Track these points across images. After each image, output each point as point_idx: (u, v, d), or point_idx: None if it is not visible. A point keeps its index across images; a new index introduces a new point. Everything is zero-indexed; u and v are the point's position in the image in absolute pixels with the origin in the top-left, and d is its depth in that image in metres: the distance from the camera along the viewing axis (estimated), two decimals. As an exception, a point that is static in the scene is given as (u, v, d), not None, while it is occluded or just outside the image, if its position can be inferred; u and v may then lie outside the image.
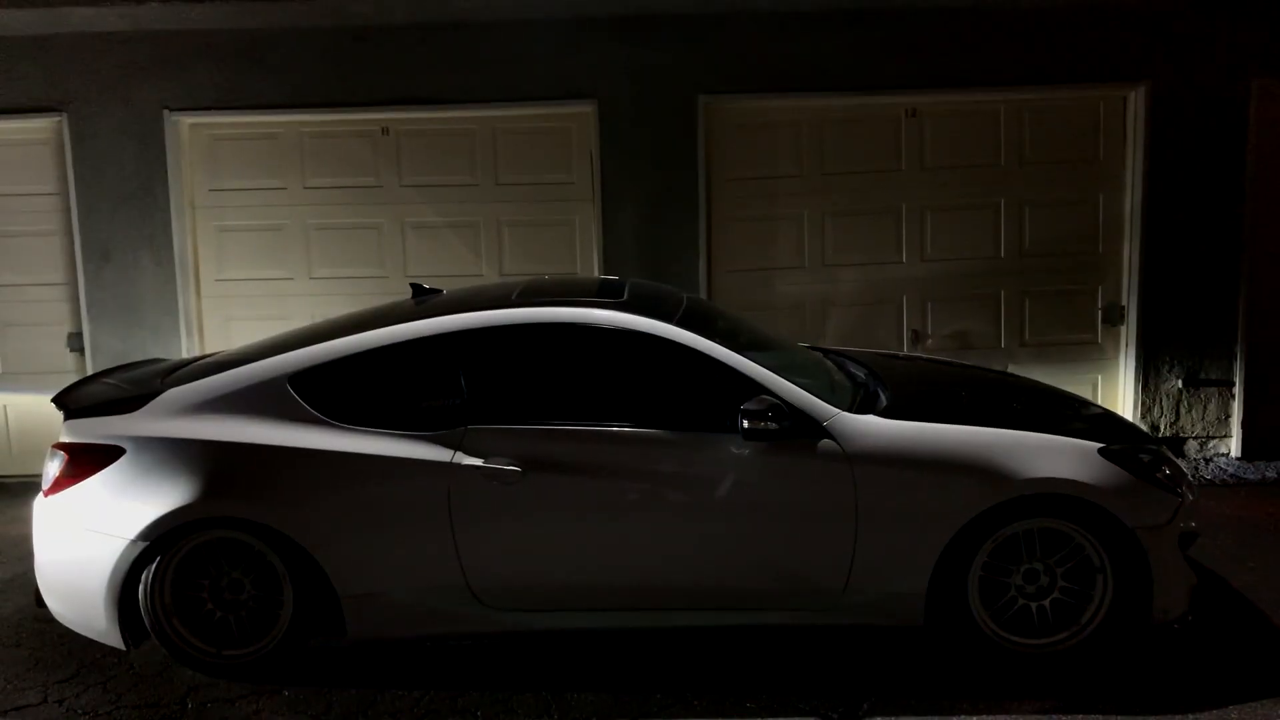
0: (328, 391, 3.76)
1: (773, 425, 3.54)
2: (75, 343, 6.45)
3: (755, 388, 3.67)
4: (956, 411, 3.90)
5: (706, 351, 3.74)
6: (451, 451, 3.64)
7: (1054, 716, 3.36)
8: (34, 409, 6.42)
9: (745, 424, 3.53)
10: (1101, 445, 3.69)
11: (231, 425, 3.72)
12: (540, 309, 3.87)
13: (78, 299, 6.39)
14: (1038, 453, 3.63)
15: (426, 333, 3.82)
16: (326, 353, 3.83)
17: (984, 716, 3.37)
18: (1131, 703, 3.42)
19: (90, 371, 6.35)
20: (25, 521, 4.61)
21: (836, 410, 3.69)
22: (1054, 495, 3.59)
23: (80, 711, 3.55)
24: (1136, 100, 6.13)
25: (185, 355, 6.33)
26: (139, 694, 3.66)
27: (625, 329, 3.78)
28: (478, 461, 3.62)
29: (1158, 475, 3.72)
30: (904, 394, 4.02)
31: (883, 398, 3.96)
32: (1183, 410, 6.31)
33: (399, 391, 3.77)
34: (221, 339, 6.47)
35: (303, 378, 3.79)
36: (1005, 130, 6.25)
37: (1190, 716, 3.33)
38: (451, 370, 3.76)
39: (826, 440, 3.62)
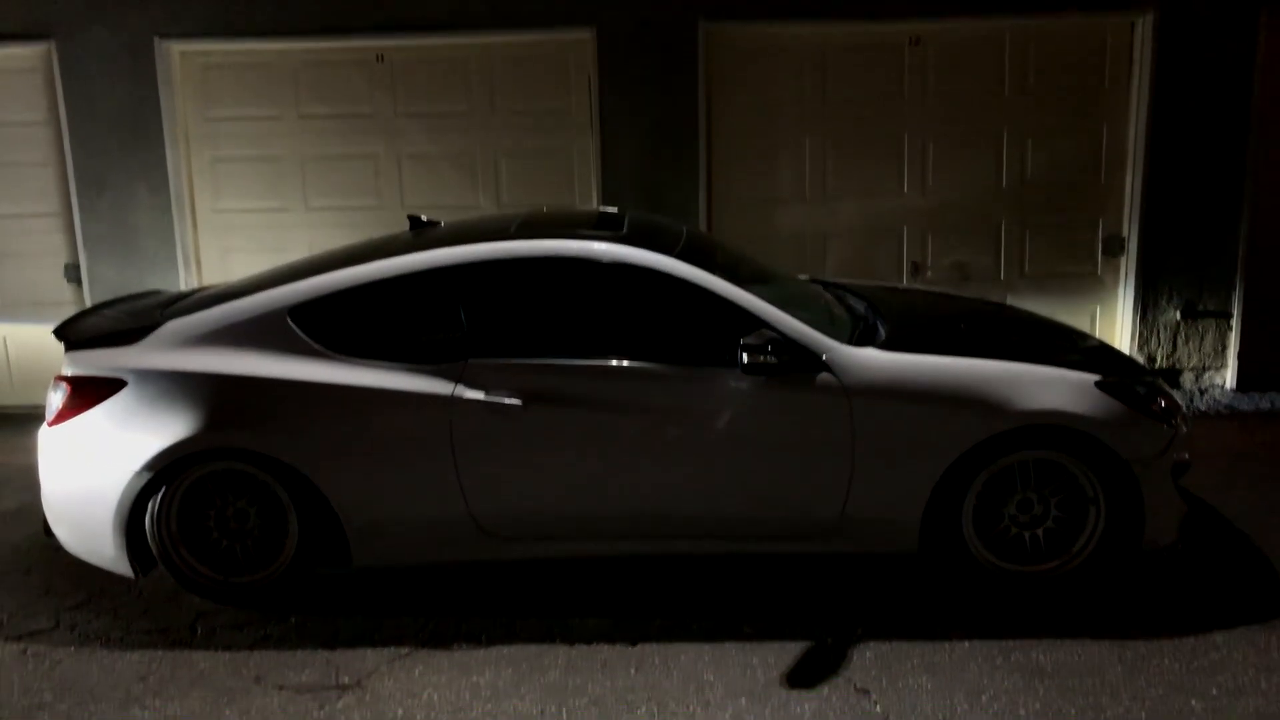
0: (327, 324, 3.77)
1: (772, 359, 3.56)
2: (72, 273, 6.43)
3: (755, 321, 3.68)
4: (954, 344, 3.91)
5: (706, 285, 3.74)
6: (453, 384, 3.66)
7: (1043, 640, 3.44)
8: (33, 340, 6.44)
9: (745, 358, 3.55)
10: (1098, 378, 3.72)
11: (232, 357, 3.74)
12: (539, 242, 3.86)
13: (73, 230, 6.35)
14: (1034, 385, 3.66)
15: (425, 265, 3.81)
16: (325, 285, 3.83)
17: (975, 641, 3.45)
18: (1118, 628, 3.50)
19: (88, 302, 6.36)
20: (29, 451, 4.65)
21: (835, 343, 3.71)
22: (1050, 427, 3.63)
23: (92, 636, 3.63)
24: (1144, 28, 6.02)
25: (184, 287, 6.33)
26: (149, 619, 3.74)
27: (625, 262, 3.78)
28: (479, 395, 3.65)
29: (1153, 407, 3.75)
30: (902, 327, 4.03)
31: (881, 330, 3.98)
32: (1180, 341, 6.34)
33: (399, 324, 3.77)
34: (219, 270, 6.45)
35: (302, 310, 3.79)
36: (1010, 58, 6.15)
37: (1176, 641, 3.42)
38: (451, 303, 3.76)
39: (825, 373, 3.65)
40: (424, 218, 4.60)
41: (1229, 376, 6.34)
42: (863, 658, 3.38)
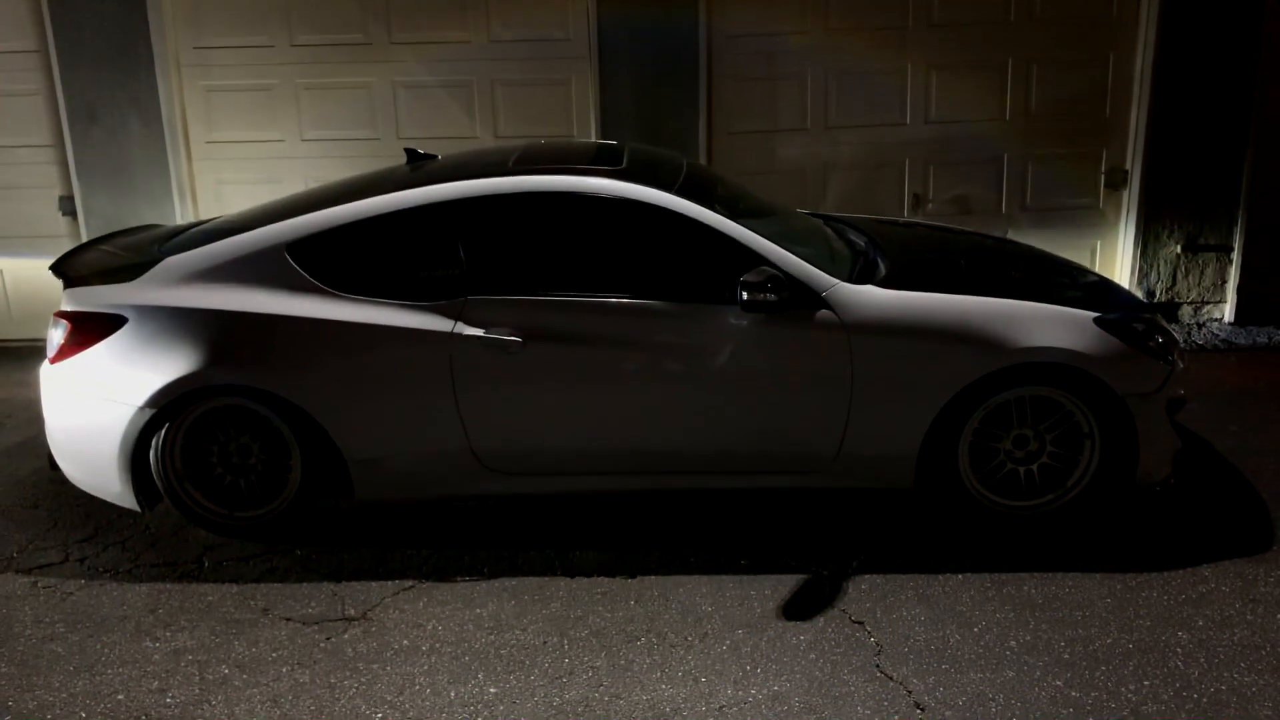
0: (325, 260, 3.75)
1: (771, 297, 3.55)
2: (67, 206, 6.38)
3: (755, 258, 3.67)
4: (954, 281, 3.91)
5: (706, 221, 3.72)
6: (452, 322, 3.67)
7: (1034, 574, 3.51)
8: (30, 273, 6.41)
9: (744, 295, 3.55)
10: (1096, 315, 3.72)
11: (231, 294, 3.73)
12: (537, 177, 3.82)
13: (66, 162, 6.28)
14: (1033, 322, 3.67)
15: (422, 201, 3.79)
16: (322, 221, 3.80)
17: (967, 574, 3.52)
18: (1109, 562, 3.57)
19: (84, 236, 6.33)
20: (30, 385, 4.69)
21: (835, 280, 3.70)
22: (1047, 364, 3.64)
23: (101, 570, 3.70)
24: (1155, -46, 5.89)
25: (179, 219, 6.29)
26: (156, 553, 3.80)
27: (624, 198, 3.75)
28: (479, 332, 3.65)
29: (1149, 344, 3.76)
30: (902, 263, 4.02)
31: (881, 266, 3.97)
32: (1179, 276, 6.33)
33: (397, 261, 3.76)
34: (214, 202, 6.40)
35: (300, 246, 3.77)
36: (1017, -16, 6.03)
37: (1165, 574, 3.49)
38: (449, 240, 3.75)
39: (824, 310, 3.65)
40: (421, 151, 4.55)
41: (1228, 311, 6.35)
42: (858, 590, 3.45)
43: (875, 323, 3.65)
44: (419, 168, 4.29)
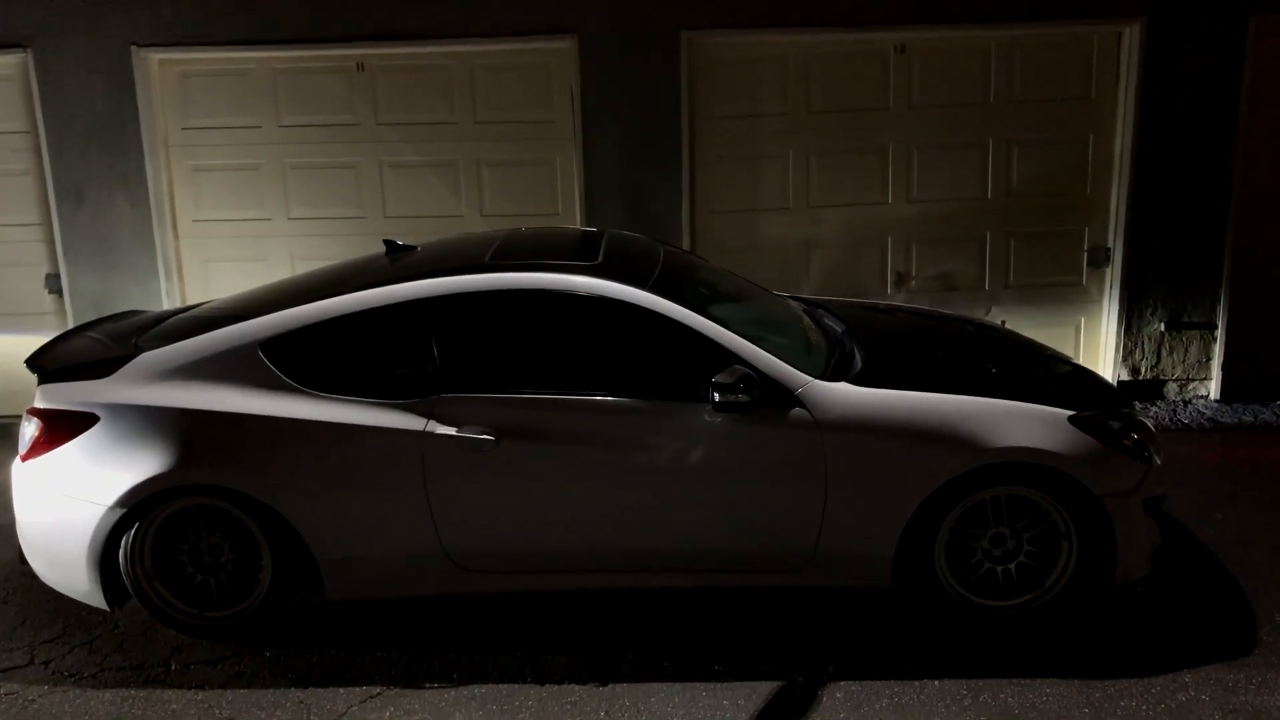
0: (299, 358, 3.75)
1: (744, 397, 3.54)
2: (53, 284, 6.40)
3: (728, 355, 3.66)
4: (929, 376, 3.90)
5: (679, 319, 3.72)
6: (425, 420, 3.66)
7: (1011, 680, 3.46)
8: (16, 350, 6.38)
9: (716, 396, 3.54)
10: (1072, 413, 3.71)
11: (204, 392, 3.72)
12: (511, 274, 3.83)
13: (53, 240, 6.31)
14: (1008, 421, 3.65)
15: (396, 299, 3.79)
16: (297, 319, 3.81)
17: (944, 680, 3.47)
18: (1087, 667, 3.52)
19: (69, 313, 6.35)
20: (6, 464, 4.64)
21: (809, 379, 3.70)
22: (1023, 464, 3.62)
23: (65, 674, 3.64)
24: (1131, 37, 5.97)
25: (166, 297, 6.31)
26: (123, 655, 3.75)
27: (598, 295, 3.76)
28: (451, 430, 3.64)
29: (1125, 442, 3.75)
30: (878, 356, 4.02)
31: (858, 359, 3.97)
32: (1164, 353, 6.33)
33: (371, 358, 3.75)
34: (201, 280, 6.43)
35: (274, 344, 3.77)
36: (996, 68, 6.11)
37: (1144, 681, 3.43)
38: (423, 337, 3.75)
39: (798, 409, 3.64)
40: (400, 242, 4.57)
41: (1213, 388, 6.34)
42: (832, 699, 3.39)
43: (849, 422, 3.63)
44: (398, 259, 4.31)
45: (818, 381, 3.70)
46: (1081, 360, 6.42)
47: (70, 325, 6.35)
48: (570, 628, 3.84)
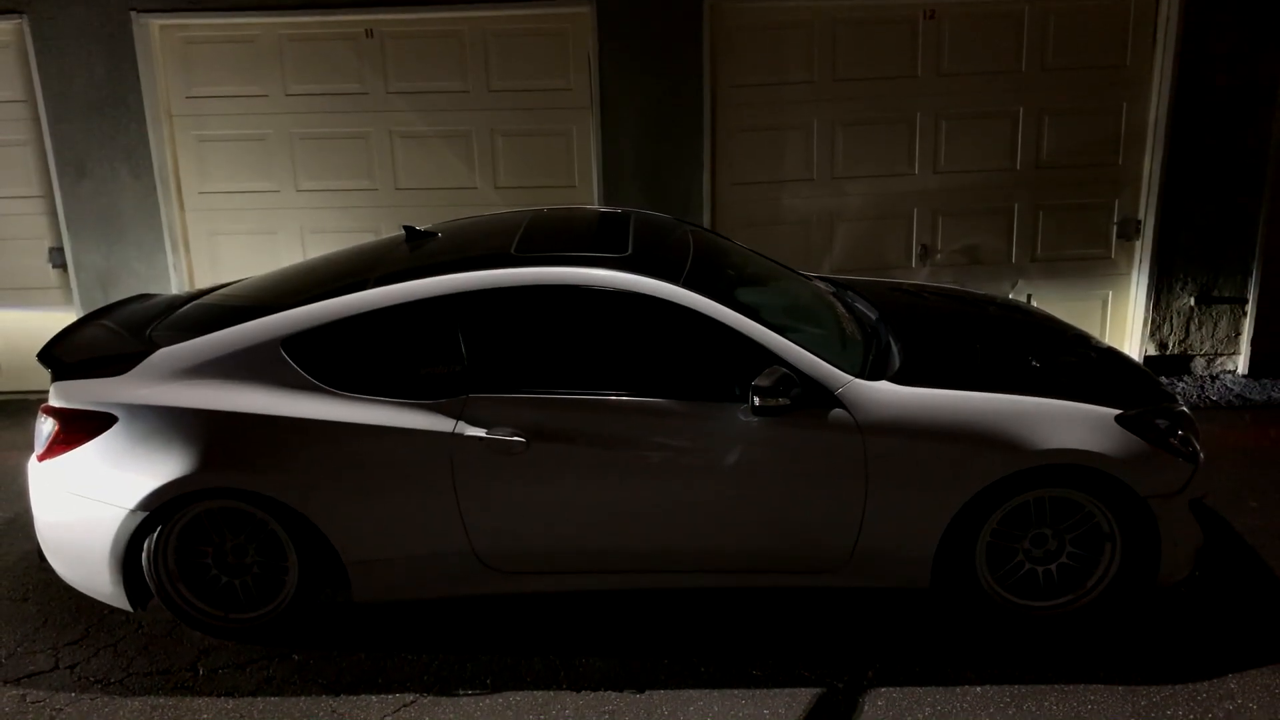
0: (322, 356, 3.63)
1: (785, 401, 3.44)
2: (57, 258, 6.24)
3: (768, 356, 3.55)
4: (971, 373, 3.79)
5: (716, 316, 3.60)
6: (453, 421, 3.55)
7: (1054, 686, 3.40)
8: (20, 326, 6.30)
9: (756, 400, 3.43)
10: (1119, 412, 3.61)
11: (224, 392, 3.61)
12: (541, 269, 3.69)
13: (56, 213, 6.14)
14: (1054, 422, 3.55)
15: (422, 294, 3.66)
16: (319, 315, 3.67)
17: (987, 686, 3.42)
18: (1132, 671, 3.46)
19: (74, 287, 6.20)
20: (20, 447, 4.57)
21: (849, 378, 3.58)
22: (1068, 466, 3.53)
23: (91, 680, 3.58)
24: (1170, 3, 5.74)
25: (172, 271, 6.17)
26: (149, 659, 3.68)
27: (630, 291, 3.63)
28: (480, 432, 3.53)
29: (1172, 440, 3.65)
30: (916, 350, 3.90)
31: (895, 355, 3.85)
32: (1193, 328, 6.21)
33: (396, 357, 3.63)
34: (208, 254, 6.28)
35: (296, 341, 3.65)
36: (1028, 33, 5.89)
37: (1189, 687, 3.38)
38: (450, 335, 3.62)
39: (838, 409, 3.53)
40: (420, 228, 4.41)
41: (1241, 363, 6.23)
42: (874, 706, 3.34)
43: (891, 423, 3.53)
44: (418, 247, 4.16)
45: (858, 380, 3.59)
46: (1108, 335, 6.31)
47: (76, 300, 6.22)
48: (602, 629, 3.77)
